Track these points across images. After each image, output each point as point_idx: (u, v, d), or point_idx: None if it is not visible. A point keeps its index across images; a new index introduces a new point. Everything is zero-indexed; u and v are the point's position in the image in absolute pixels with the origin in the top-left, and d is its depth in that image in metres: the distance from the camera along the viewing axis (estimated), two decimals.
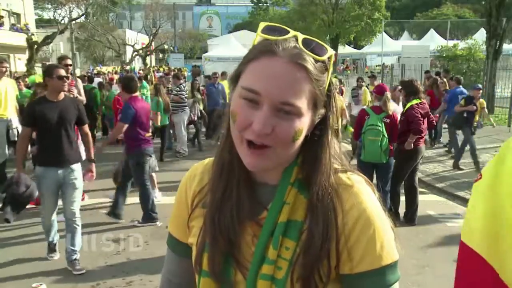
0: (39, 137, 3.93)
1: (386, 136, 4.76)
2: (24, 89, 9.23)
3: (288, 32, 0.80)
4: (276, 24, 0.82)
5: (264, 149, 0.78)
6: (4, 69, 6.31)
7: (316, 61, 0.78)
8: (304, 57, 0.76)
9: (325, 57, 0.79)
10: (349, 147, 7.83)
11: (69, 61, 6.20)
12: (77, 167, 3.93)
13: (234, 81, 0.82)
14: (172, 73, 13.32)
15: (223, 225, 0.85)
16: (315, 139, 0.84)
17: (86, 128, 4.12)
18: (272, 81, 0.75)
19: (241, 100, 0.78)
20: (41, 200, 4.00)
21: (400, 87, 6.03)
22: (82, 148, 4.59)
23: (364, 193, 0.83)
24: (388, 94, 5.03)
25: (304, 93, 0.76)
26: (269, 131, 0.75)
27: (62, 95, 3.87)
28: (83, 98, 6.31)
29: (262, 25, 0.82)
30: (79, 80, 6.62)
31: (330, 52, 0.80)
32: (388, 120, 4.83)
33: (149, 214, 5.04)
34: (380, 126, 4.74)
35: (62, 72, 3.79)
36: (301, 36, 0.79)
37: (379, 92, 5.01)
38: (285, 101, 0.75)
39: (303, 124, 0.78)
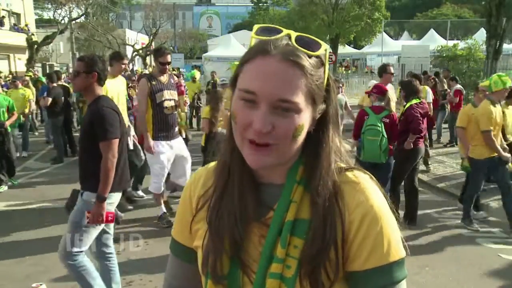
0: None
1: (386, 136, 4.76)
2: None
3: (282, 31, 0.81)
4: (270, 25, 0.83)
5: (267, 147, 0.78)
6: (123, 66, 5.33)
7: (310, 56, 0.78)
8: (296, 53, 0.77)
9: (318, 52, 0.80)
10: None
11: (169, 58, 4.91)
12: (87, 197, 2.94)
13: (233, 84, 0.83)
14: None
15: (226, 227, 0.85)
16: (316, 135, 0.84)
17: (103, 147, 2.87)
18: (267, 79, 0.76)
19: (240, 101, 0.79)
20: None
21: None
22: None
23: (370, 190, 0.84)
24: (389, 93, 5.05)
25: (300, 89, 0.77)
26: (269, 129, 0.76)
27: (90, 97, 2.98)
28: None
29: (256, 27, 0.83)
30: (181, 81, 5.58)
31: (324, 46, 0.81)
32: (387, 120, 4.83)
33: None
34: (379, 126, 4.74)
35: (76, 65, 2.96)
36: (294, 34, 0.80)
37: (379, 92, 5.02)
38: (281, 98, 0.76)
39: (303, 120, 0.79)
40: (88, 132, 2.92)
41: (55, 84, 9.03)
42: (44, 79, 14.00)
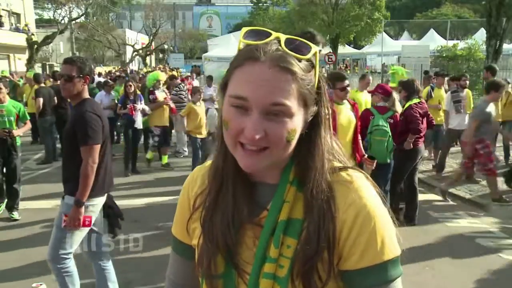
0: None
1: (391, 136, 4.76)
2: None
3: (270, 34, 0.79)
4: (259, 28, 0.82)
5: (260, 151, 0.78)
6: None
7: (300, 60, 0.77)
8: (287, 59, 0.76)
9: (309, 55, 0.78)
10: None
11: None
12: (67, 200, 2.90)
13: (223, 89, 0.82)
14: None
15: (219, 229, 0.85)
16: (308, 136, 0.84)
17: (83, 152, 2.82)
18: (258, 86, 0.75)
19: (231, 108, 0.78)
20: None
21: None
22: None
23: (364, 188, 0.83)
24: (395, 94, 5.05)
25: (291, 94, 0.76)
26: (261, 135, 0.75)
27: (76, 100, 2.91)
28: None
29: (243, 30, 0.81)
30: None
31: (314, 49, 0.79)
32: (391, 121, 4.84)
33: None
34: (386, 126, 4.74)
35: (62, 68, 2.91)
36: (283, 37, 0.78)
37: (384, 92, 5.01)
38: (274, 102, 0.75)
39: (295, 124, 0.78)
40: (70, 135, 2.87)
41: (43, 85, 9.01)
42: (21, 84, 13.65)
